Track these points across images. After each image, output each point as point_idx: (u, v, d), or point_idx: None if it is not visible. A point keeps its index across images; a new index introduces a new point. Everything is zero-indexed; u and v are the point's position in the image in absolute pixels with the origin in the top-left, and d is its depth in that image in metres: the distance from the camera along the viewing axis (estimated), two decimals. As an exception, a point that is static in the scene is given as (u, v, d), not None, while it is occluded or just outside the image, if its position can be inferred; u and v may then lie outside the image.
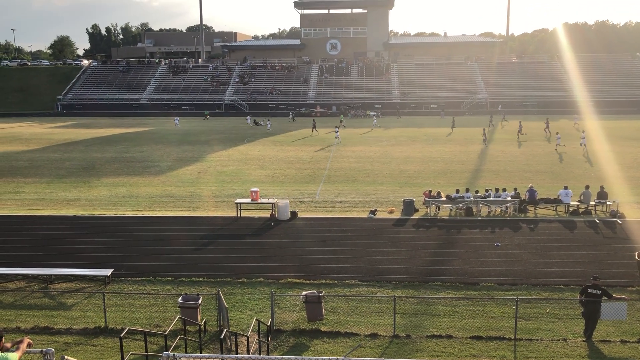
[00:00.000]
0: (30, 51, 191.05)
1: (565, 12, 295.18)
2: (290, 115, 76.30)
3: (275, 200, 27.29)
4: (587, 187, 27.58)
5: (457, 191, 27.85)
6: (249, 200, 27.37)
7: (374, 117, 69.99)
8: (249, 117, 72.31)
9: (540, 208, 27.29)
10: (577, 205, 27.04)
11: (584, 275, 18.44)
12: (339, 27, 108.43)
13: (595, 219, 25.48)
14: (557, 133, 47.91)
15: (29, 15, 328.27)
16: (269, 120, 66.90)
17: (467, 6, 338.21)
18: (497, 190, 28.00)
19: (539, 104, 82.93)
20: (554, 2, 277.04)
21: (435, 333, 15.02)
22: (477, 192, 27.99)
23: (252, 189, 27.58)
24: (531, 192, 27.38)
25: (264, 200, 27.38)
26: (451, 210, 27.10)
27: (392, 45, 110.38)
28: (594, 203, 26.92)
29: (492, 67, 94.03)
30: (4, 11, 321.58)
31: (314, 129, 59.48)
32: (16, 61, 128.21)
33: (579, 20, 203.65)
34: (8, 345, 7.09)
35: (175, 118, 71.64)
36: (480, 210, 26.95)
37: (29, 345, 7.22)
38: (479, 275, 18.98)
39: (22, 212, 28.43)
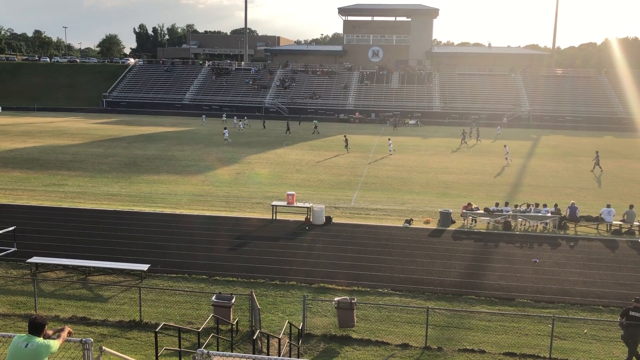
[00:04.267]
0: (80, 48, 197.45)
1: (615, 27, 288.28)
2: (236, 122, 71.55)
3: (311, 204, 27.36)
4: (631, 206, 26.77)
5: (497, 204, 27.40)
6: (284, 203, 27.51)
7: (315, 121, 70.69)
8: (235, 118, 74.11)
9: (581, 226, 26.63)
10: (620, 224, 26.26)
11: (624, 296, 17.89)
12: (382, 35, 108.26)
13: (639, 240, 24.71)
14: (505, 146, 47.60)
15: (79, 14, 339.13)
16: (243, 120, 69.51)
17: (512, 17, 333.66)
18: (537, 205, 27.44)
19: (584, 119, 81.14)
20: (603, 16, 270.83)
21: (468, 347, 14.79)
22: (516, 206, 27.51)
23: (289, 193, 27.71)
24: (572, 208, 26.75)
25: (299, 204, 27.47)
26: (488, 223, 26.69)
27: (434, 54, 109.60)
28: (638, 223, 26.10)
29: (537, 80, 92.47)
30: (56, 9, 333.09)
31: (287, 131, 62.83)
32: (66, 58, 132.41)
33: (630, 34, 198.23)
34: (50, 333, 7.31)
35: (203, 116, 76.99)
36: (519, 225, 26.43)
37: (69, 334, 7.43)
38: (515, 291, 18.61)
39: (65, 204, 29.24)
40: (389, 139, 52.06)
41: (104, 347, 7.94)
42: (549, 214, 26.50)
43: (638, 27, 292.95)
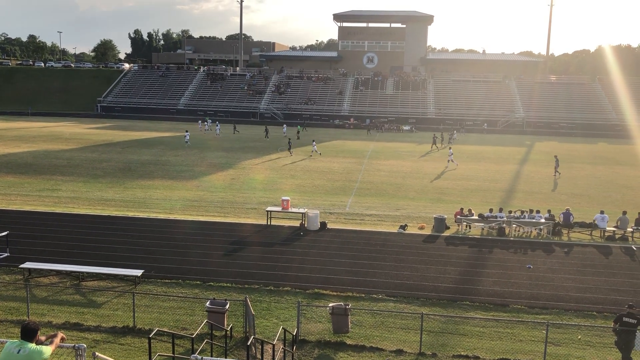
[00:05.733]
0: (75, 53, 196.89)
1: (608, 34, 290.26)
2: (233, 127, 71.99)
3: (306, 210, 27.36)
4: (625, 212, 26.89)
5: (491, 210, 27.47)
6: (279, 208, 27.50)
7: (284, 127, 72.38)
8: (201, 121, 76.24)
9: (574, 232, 26.71)
10: (614, 230, 26.36)
11: (618, 302, 17.96)
12: (377, 41, 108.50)
13: (632, 246, 24.80)
14: (450, 148, 49.22)
15: (74, 19, 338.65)
16: (217, 124, 69.97)
17: (506, 24, 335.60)
18: (530, 211, 27.52)
19: (578, 125, 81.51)
20: (596, 24, 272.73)
21: (462, 353, 14.78)
22: (510, 212, 27.58)
23: (283, 198, 27.70)
24: (566, 214, 26.83)
25: (294, 210, 27.47)
26: (483, 229, 26.74)
27: (429, 60, 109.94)
28: (632, 229, 26.21)
29: (531, 87, 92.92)
30: (51, 14, 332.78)
31: (266, 136, 64.23)
32: (60, 63, 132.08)
33: (623, 42, 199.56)
34: (42, 338, 7.27)
35: (199, 121, 76.73)
36: (515, 230, 26.49)
37: (62, 339, 7.39)
38: (509, 297, 18.64)
39: (59, 210, 29.11)
40: (313, 141, 54.07)
41: (97, 353, 7.91)
42: (543, 220, 26.58)
43: (631, 35, 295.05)
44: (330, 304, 15.87)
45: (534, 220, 26.56)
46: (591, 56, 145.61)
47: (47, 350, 7.06)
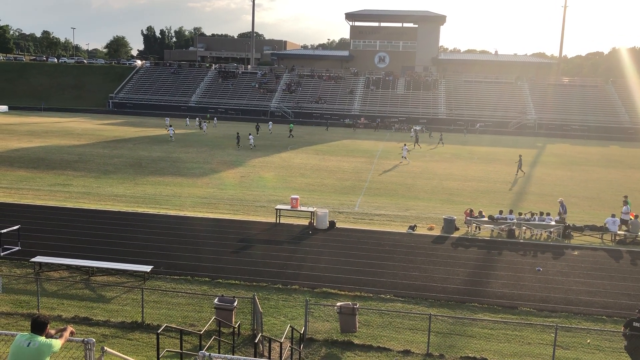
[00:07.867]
0: (87, 49, 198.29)
1: (622, 36, 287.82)
2: (198, 123, 71.42)
3: (315, 208, 27.36)
4: (637, 216, 26.67)
5: (501, 212, 27.34)
6: (288, 207, 27.52)
7: (270, 125, 72.71)
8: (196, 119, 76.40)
9: (585, 235, 26.52)
10: (625, 234, 26.15)
11: (628, 307, 17.81)
12: (389, 40, 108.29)
13: (644, 250, 24.59)
14: (405, 144, 50.76)
15: (87, 15, 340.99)
16: (205, 121, 70.81)
17: (519, 25, 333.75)
18: (541, 213, 27.36)
19: (590, 128, 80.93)
20: (610, 26, 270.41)
21: (470, 355, 14.72)
22: (520, 214, 27.43)
23: (293, 196, 27.71)
24: (562, 206, 27.18)
25: (303, 208, 27.47)
26: (492, 231, 26.61)
27: (441, 60, 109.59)
28: (643, 233, 25.99)
29: (544, 89, 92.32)
30: (65, 10, 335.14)
31: (257, 132, 65.28)
32: (73, 59, 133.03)
33: (637, 44, 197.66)
34: (52, 332, 7.32)
35: (167, 118, 76.09)
36: (525, 233, 26.35)
37: (71, 333, 7.44)
38: (518, 299, 18.54)
39: (69, 204, 29.31)
40: (250, 134, 55.84)
41: (105, 348, 7.94)
42: (553, 223, 26.42)
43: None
44: (338, 303, 15.87)
45: (544, 223, 26.40)
46: (605, 58, 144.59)
47: (57, 343, 7.11)
